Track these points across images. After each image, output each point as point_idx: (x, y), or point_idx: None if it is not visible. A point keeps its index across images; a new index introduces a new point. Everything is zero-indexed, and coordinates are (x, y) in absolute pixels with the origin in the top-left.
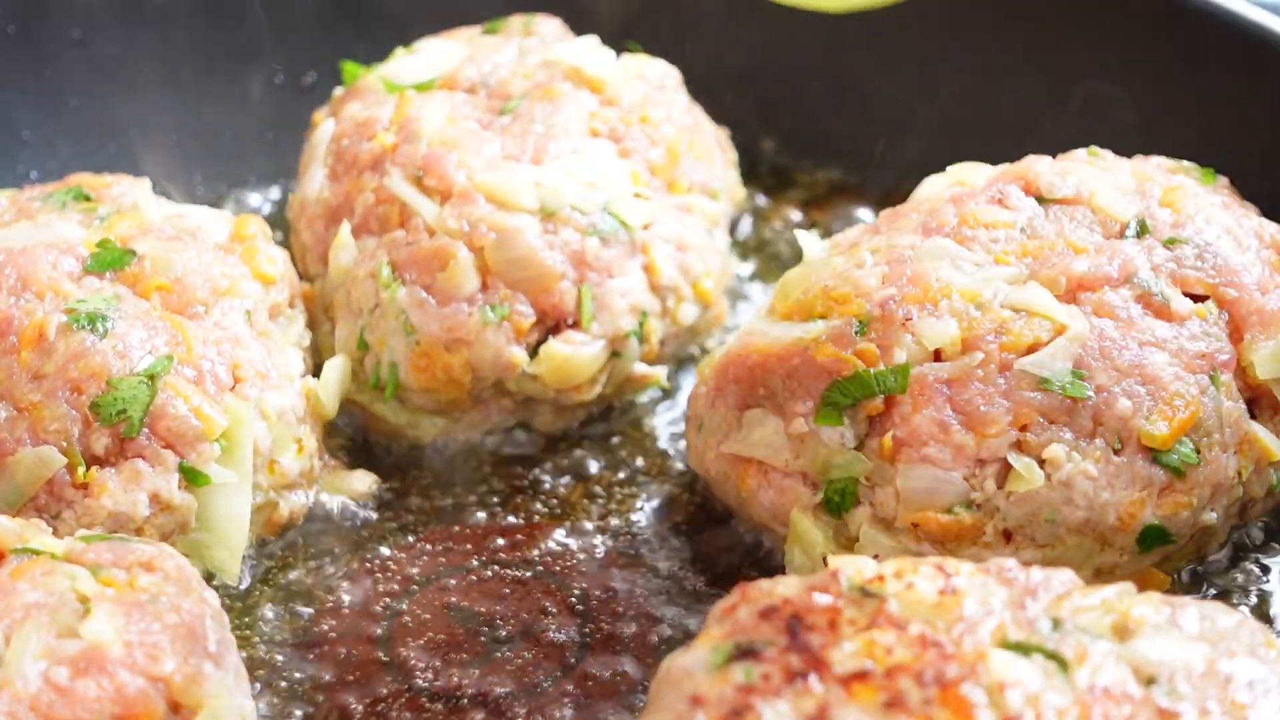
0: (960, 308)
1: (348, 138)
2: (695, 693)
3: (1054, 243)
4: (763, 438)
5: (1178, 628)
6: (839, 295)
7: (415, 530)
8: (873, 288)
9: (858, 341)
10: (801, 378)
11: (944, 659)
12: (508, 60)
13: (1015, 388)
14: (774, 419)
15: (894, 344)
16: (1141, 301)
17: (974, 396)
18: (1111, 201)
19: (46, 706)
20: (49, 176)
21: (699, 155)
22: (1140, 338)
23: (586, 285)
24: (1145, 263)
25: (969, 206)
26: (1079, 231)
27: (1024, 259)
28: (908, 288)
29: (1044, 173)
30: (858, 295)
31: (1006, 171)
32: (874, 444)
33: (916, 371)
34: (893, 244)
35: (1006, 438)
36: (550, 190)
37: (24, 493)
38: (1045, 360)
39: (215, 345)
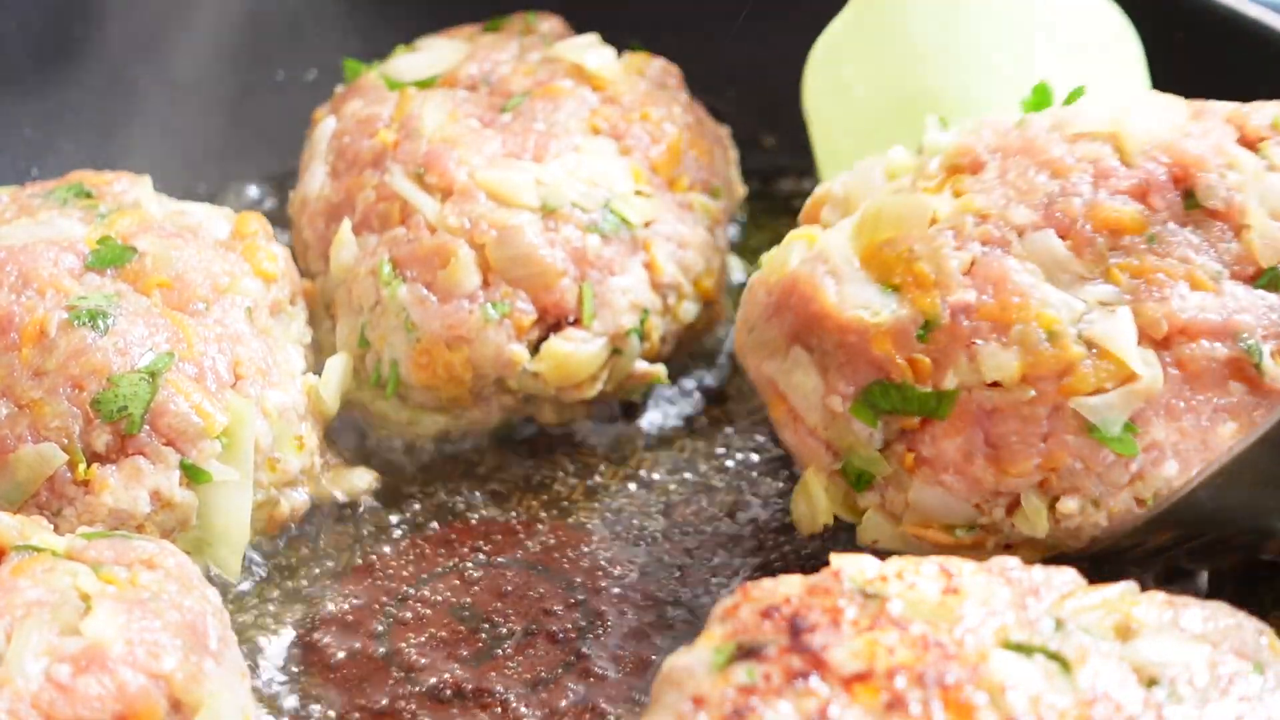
0: (1033, 336)
1: (349, 135)
2: (697, 693)
3: (1175, 269)
4: (801, 386)
5: (1179, 628)
6: (920, 274)
7: (416, 527)
8: (955, 280)
9: (916, 346)
10: (852, 358)
11: (946, 659)
12: (509, 58)
13: (1058, 429)
14: (816, 377)
15: (950, 364)
16: (1232, 366)
17: (1010, 432)
18: (1263, 234)
19: (48, 704)
20: (50, 173)
21: (700, 153)
22: (1217, 403)
23: (588, 283)
24: (1259, 323)
25: (1106, 199)
26: (1208, 262)
27: (1136, 279)
28: (987, 298)
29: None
30: (937, 284)
31: (1206, 115)
32: (899, 449)
33: (963, 393)
34: (1005, 216)
35: (1030, 479)
36: (551, 188)
37: (25, 490)
38: (1100, 407)
39: (216, 342)
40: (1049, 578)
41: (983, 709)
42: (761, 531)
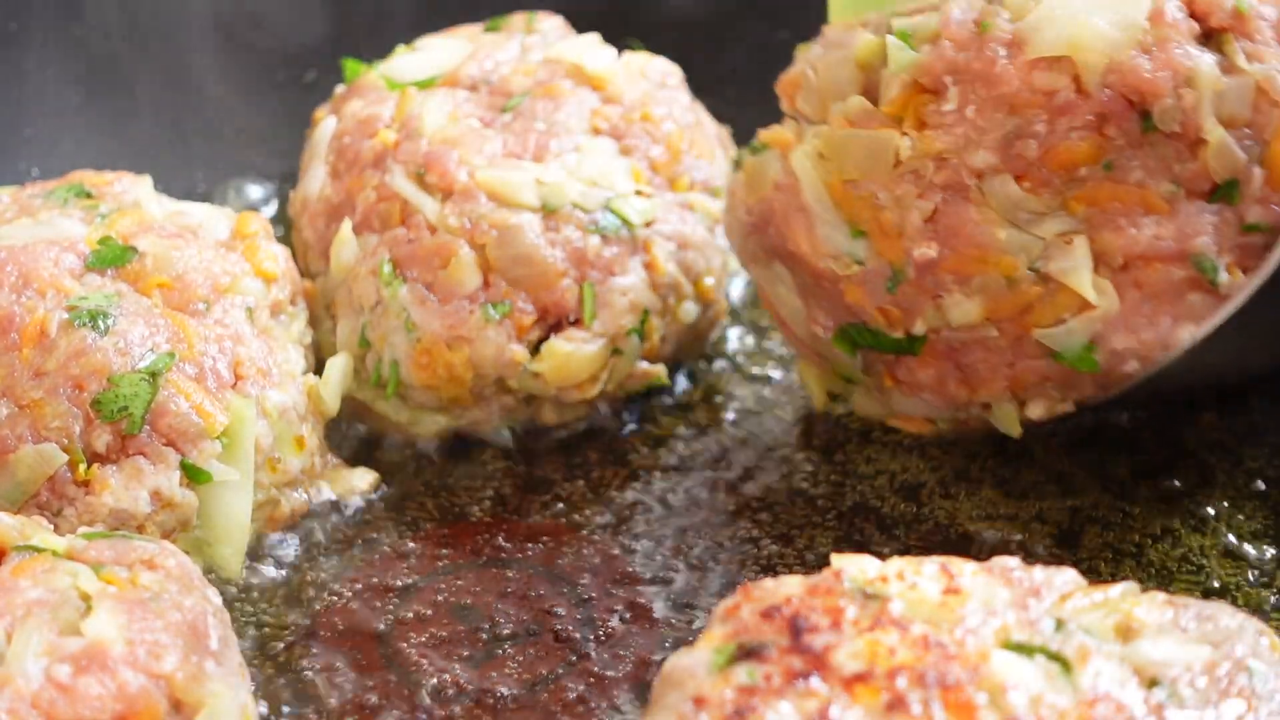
0: (993, 284)
1: (349, 135)
2: (698, 693)
3: (1130, 195)
4: (786, 302)
5: (1180, 629)
6: (885, 223)
7: (416, 527)
8: (917, 232)
9: (885, 298)
10: (829, 296)
11: (946, 660)
12: (509, 58)
13: (1022, 355)
14: (798, 300)
15: (918, 314)
16: (1189, 282)
17: (978, 361)
18: (1218, 150)
19: (48, 704)
20: (50, 174)
21: (700, 153)
22: (1176, 312)
23: (588, 283)
24: (1214, 240)
25: (1063, 136)
26: (1163, 184)
27: (1092, 208)
28: (949, 252)
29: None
30: (902, 234)
31: (1165, 11)
32: (879, 369)
33: (931, 335)
34: (964, 160)
35: (1000, 395)
36: (552, 188)
37: (25, 490)
38: (1060, 335)
39: (216, 342)
40: (1050, 578)
41: (983, 709)
42: (762, 531)
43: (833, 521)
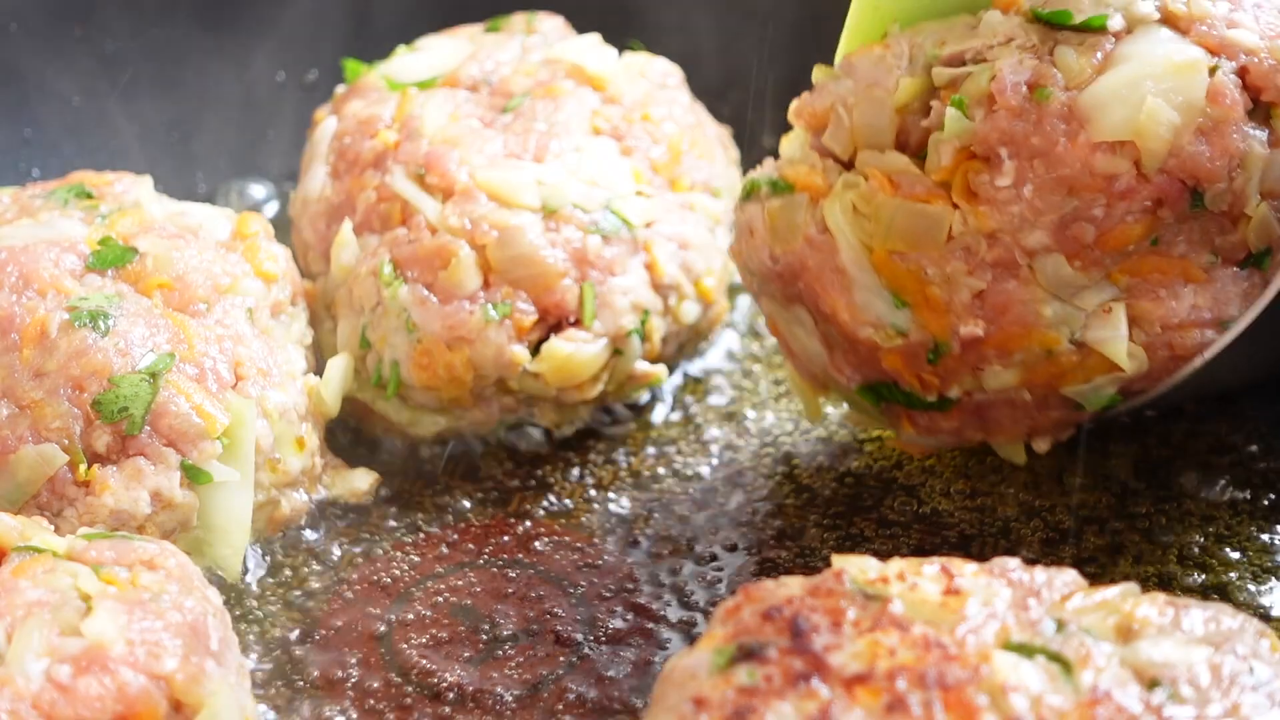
0: (1033, 356)
1: (350, 136)
2: (698, 694)
3: (1172, 267)
4: (805, 345)
5: (1181, 630)
6: (933, 299)
7: (416, 528)
8: (966, 311)
9: (925, 367)
10: (860, 356)
11: (947, 660)
12: (510, 58)
13: (1047, 409)
14: (818, 345)
15: (955, 381)
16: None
17: (1003, 416)
18: (1259, 223)
19: (48, 704)
20: (51, 174)
21: (701, 153)
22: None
23: (588, 283)
24: (1239, 303)
25: (1118, 220)
26: (1203, 255)
27: (1133, 279)
28: (996, 328)
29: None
30: (950, 311)
31: (1222, 95)
32: (896, 415)
33: (964, 396)
34: (1017, 239)
35: (1016, 439)
36: (552, 188)
37: (26, 490)
38: (1088, 392)
39: (217, 343)
40: (1050, 579)
41: (984, 710)
42: (763, 532)
43: (833, 521)
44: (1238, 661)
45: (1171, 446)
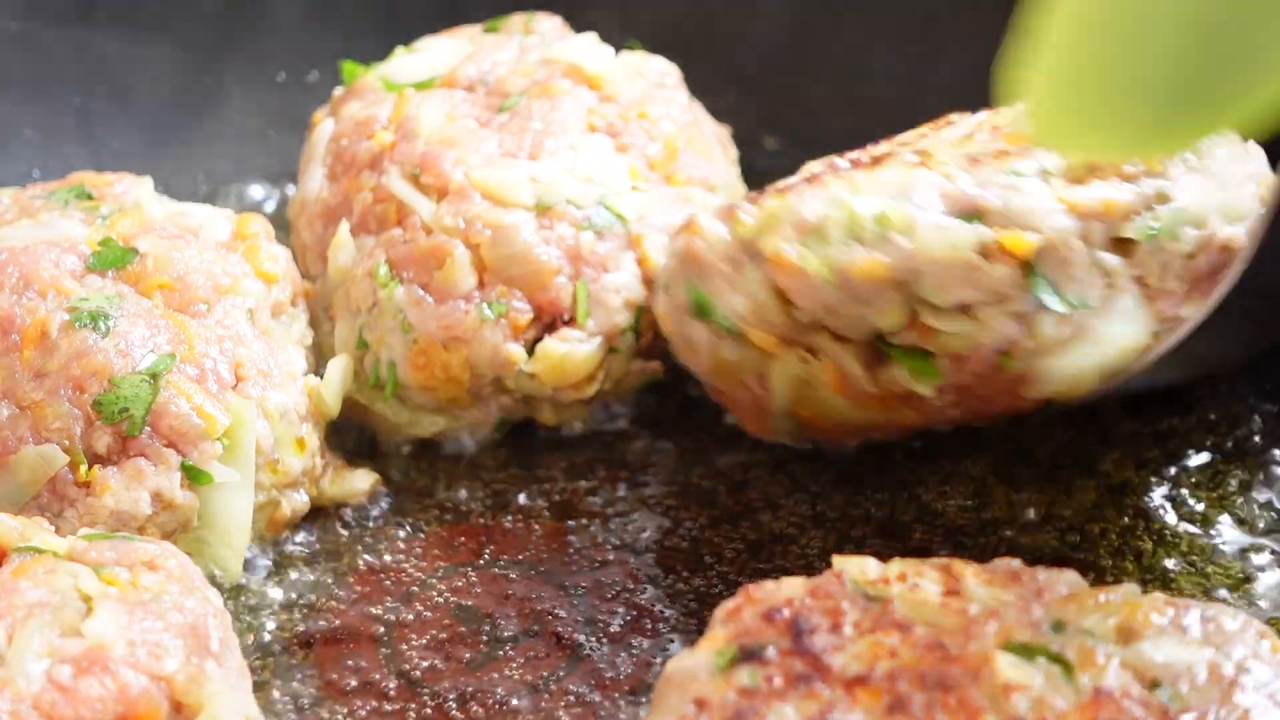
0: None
1: (346, 137)
2: (699, 695)
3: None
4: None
5: (1182, 630)
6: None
7: (417, 529)
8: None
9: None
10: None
11: (948, 662)
12: (507, 58)
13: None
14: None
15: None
16: None
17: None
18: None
19: (49, 705)
20: (51, 175)
21: (698, 151)
22: None
23: (582, 281)
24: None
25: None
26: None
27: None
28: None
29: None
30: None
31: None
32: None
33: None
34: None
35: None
36: (546, 185)
37: (26, 491)
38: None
39: (217, 343)
40: (1051, 579)
41: (985, 711)
42: (763, 532)
43: (833, 522)
44: (1238, 662)
45: (1173, 446)
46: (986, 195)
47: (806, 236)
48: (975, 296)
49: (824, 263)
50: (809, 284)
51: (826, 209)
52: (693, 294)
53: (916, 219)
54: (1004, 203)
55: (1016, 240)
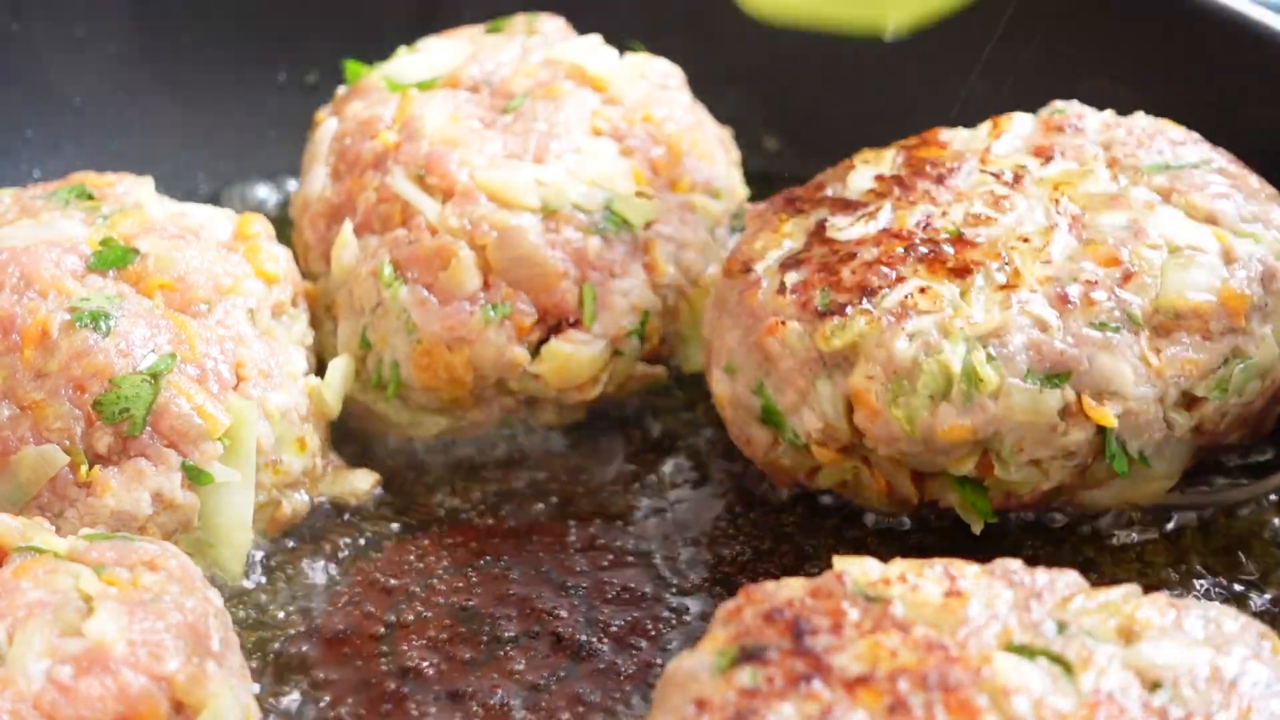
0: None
1: (350, 136)
2: (699, 696)
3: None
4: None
5: (1182, 631)
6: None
7: (418, 529)
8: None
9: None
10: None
11: (948, 662)
12: (510, 59)
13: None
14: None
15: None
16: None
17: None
18: None
19: (49, 705)
20: (52, 175)
21: (701, 154)
22: None
23: (588, 284)
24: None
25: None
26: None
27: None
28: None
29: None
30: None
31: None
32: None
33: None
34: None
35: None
36: (552, 189)
37: (27, 491)
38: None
39: (218, 344)
40: (1052, 580)
41: (985, 712)
42: (765, 533)
43: (835, 523)
44: (1239, 663)
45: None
46: (1076, 355)
47: (893, 378)
48: (1047, 454)
49: (908, 416)
50: (887, 428)
51: (918, 352)
52: (762, 399)
53: (1008, 382)
54: (1091, 364)
55: (1102, 414)
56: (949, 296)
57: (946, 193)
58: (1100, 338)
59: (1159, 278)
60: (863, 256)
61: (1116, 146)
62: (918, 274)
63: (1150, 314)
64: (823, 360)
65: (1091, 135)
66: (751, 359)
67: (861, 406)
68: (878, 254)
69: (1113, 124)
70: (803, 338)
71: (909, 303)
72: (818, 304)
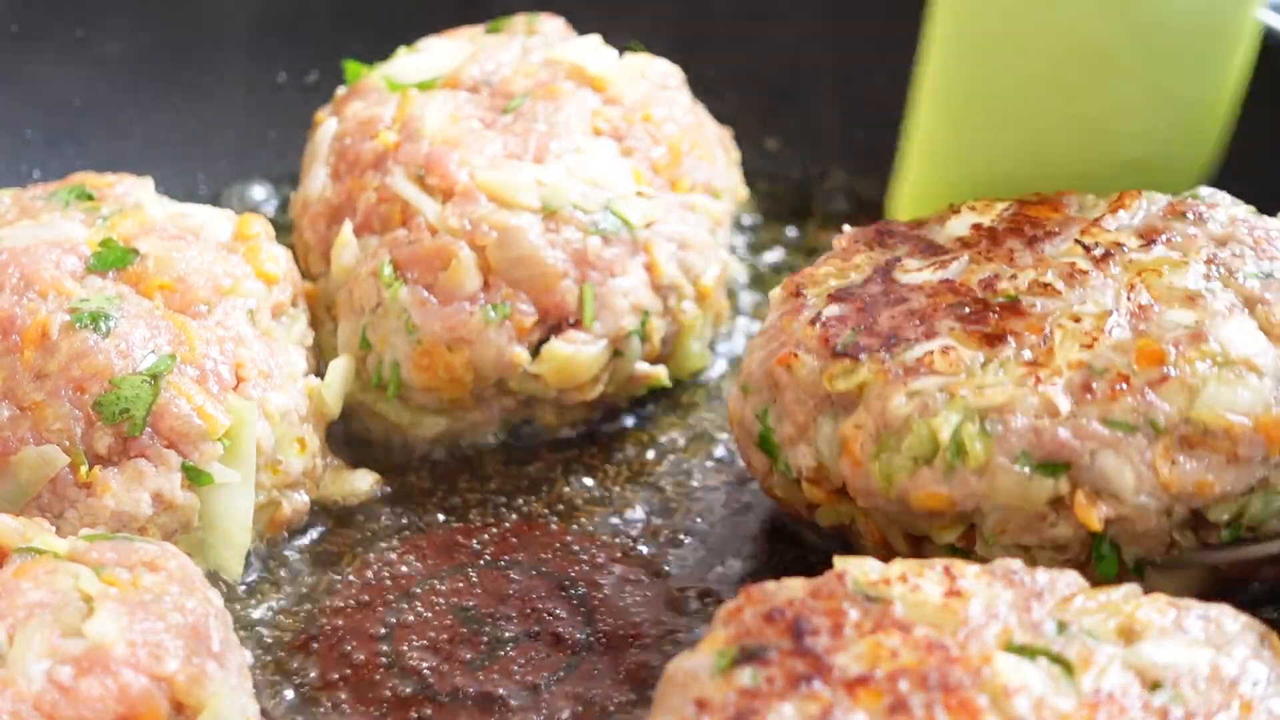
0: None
1: (350, 136)
2: (700, 696)
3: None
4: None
5: (1183, 631)
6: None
7: (417, 529)
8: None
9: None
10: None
11: (949, 662)
12: (510, 59)
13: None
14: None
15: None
16: None
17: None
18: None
19: (50, 706)
20: (52, 175)
21: (702, 154)
22: None
23: (588, 284)
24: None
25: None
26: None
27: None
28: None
29: None
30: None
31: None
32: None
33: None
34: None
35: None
36: (552, 189)
37: (27, 492)
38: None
39: (218, 344)
40: (1052, 580)
41: (986, 712)
42: (765, 533)
43: None
44: (1240, 663)
45: None
46: (1078, 447)
47: (882, 432)
48: (1034, 542)
49: (886, 473)
50: (866, 481)
51: (911, 411)
52: (763, 425)
53: (995, 460)
54: (1093, 460)
55: (1086, 514)
56: (968, 362)
57: (1030, 255)
58: (1108, 434)
59: (1200, 388)
60: (910, 304)
61: (1232, 243)
62: (951, 333)
63: (1177, 423)
64: (830, 400)
65: (1212, 227)
66: (763, 383)
67: (845, 454)
68: (924, 304)
69: (1240, 219)
70: (812, 373)
71: (926, 360)
72: (837, 343)
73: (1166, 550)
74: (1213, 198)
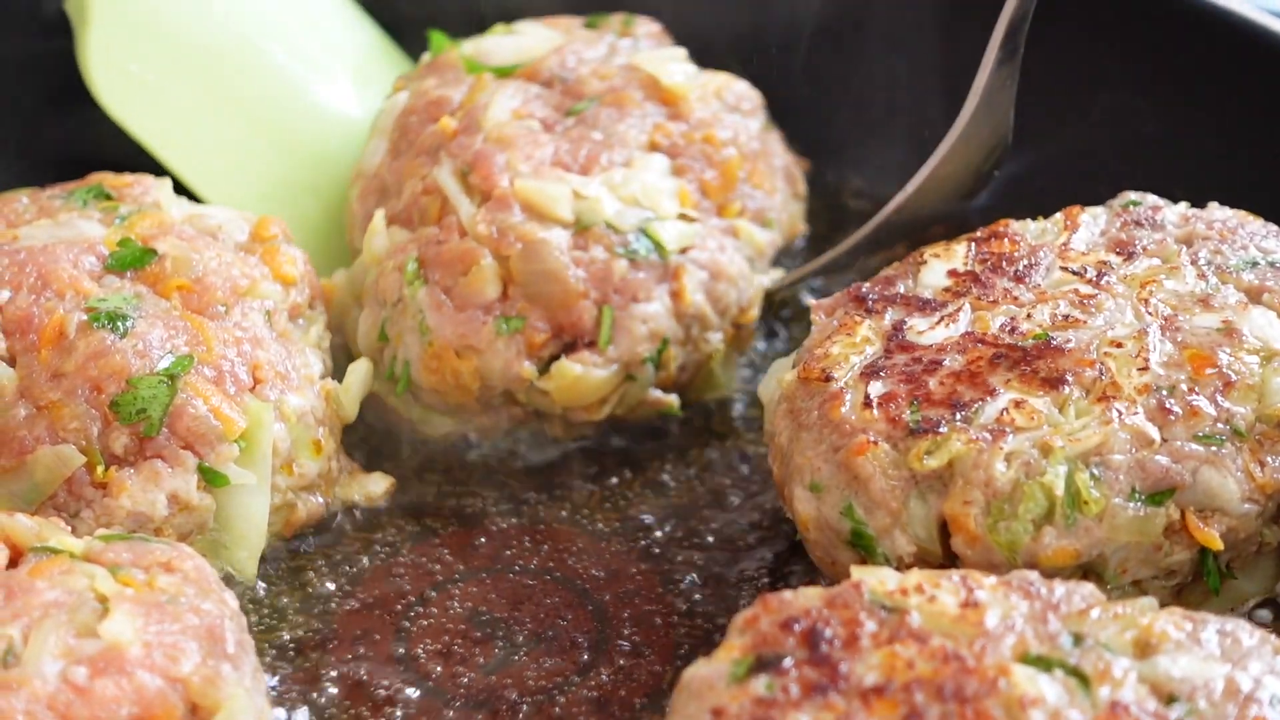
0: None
1: (416, 114)
2: (716, 704)
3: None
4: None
5: (1199, 644)
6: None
7: (432, 533)
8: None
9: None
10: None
11: (965, 673)
12: (594, 58)
13: None
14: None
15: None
16: None
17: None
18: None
19: (64, 706)
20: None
21: (758, 183)
22: None
23: (608, 307)
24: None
25: None
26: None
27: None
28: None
29: None
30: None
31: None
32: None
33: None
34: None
35: None
36: (589, 204)
37: (43, 491)
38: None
39: (235, 345)
40: (1069, 593)
41: None
42: (780, 542)
43: None
44: (1255, 678)
45: None
46: (1180, 471)
47: (994, 502)
48: (1149, 575)
49: (1009, 542)
50: (988, 554)
51: (1018, 474)
52: (851, 521)
53: (1112, 503)
54: (1195, 480)
55: (1207, 537)
56: (1046, 412)
57: (1027, 292)
58: (1204, 452)
59: (1262, 385)
60: (948, 365)
61: (1198, 241)
62: (1010, 385)
63: (1253, 424)
64: (915, 480)
65: (1170, 229)
66: (839, 478)
67: (959, 532)
68: (964, 362)
69: (1190, 216)
70: (895, 458)
71: (1005, 419)
72: (909, 421)
73: (1257, 549)
74: (1146, 199)
